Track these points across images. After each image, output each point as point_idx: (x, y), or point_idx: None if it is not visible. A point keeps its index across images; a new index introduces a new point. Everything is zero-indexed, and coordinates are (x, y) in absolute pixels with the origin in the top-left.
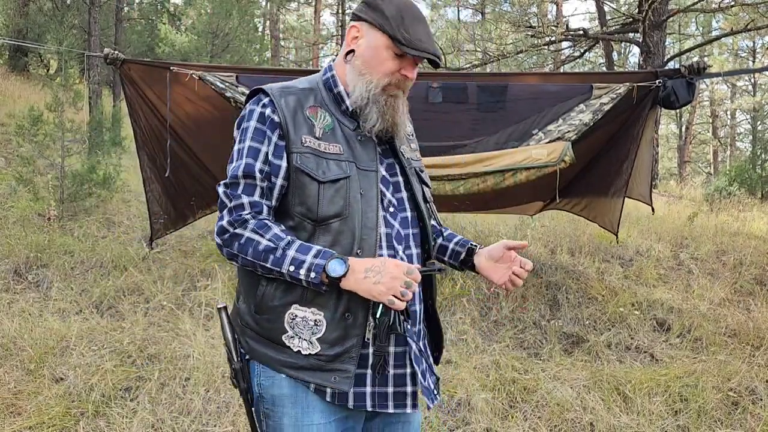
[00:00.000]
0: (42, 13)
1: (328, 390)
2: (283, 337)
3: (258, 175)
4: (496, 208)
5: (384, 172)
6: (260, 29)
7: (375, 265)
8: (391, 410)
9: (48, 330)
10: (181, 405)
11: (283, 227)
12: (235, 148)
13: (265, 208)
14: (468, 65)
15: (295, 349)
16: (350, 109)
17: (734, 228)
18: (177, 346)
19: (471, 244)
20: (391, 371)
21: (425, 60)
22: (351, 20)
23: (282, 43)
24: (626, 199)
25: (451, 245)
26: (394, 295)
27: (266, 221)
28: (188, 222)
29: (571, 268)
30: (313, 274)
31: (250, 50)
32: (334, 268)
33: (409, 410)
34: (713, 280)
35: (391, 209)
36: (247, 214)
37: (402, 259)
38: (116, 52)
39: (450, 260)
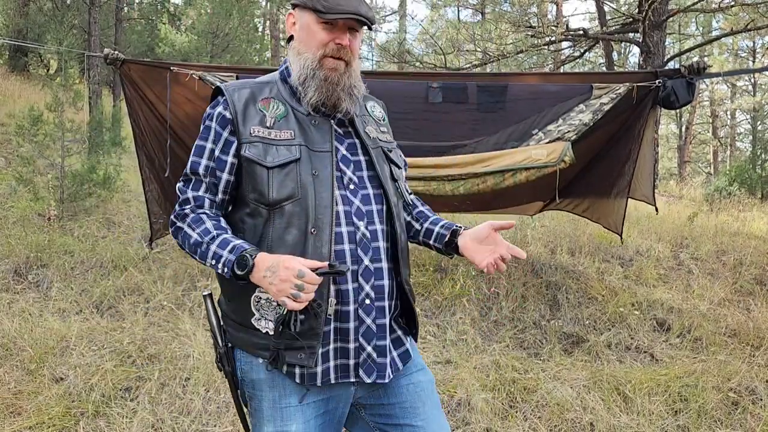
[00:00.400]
0: (42, 13)
1: (297, 371)
2: (252, 320)
3: (202, 171)
4: (496, 209)
5: (345, 152)
6: (260, 29)
7: (272, 265)
8: (352, 379)
9: (48, 330)
10: (181, 405)
11: (218, 222)
12: (195, 142)
13: (207, 202)
14: (468, 65)
15: (263, 331)
16: (298, 96)
17: (734, 228)
18: (177, 346)
19: (456, 226)
20: (351, 345)
21: (362, 23)
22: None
23: (282, 43)
24: (629, 199)
25: (436, 228)
26: (287, 296)
27: (202, 215)
28: None
29: (571, 268)
30: (226, 269)
31: (250, 50)
32: (239, 266)
33: (352, 379)
34: (713, 280)
35: (351, 186)
36: (188, 209)
37: (364, 235)
38: (116, 52)
39: (435, 244)
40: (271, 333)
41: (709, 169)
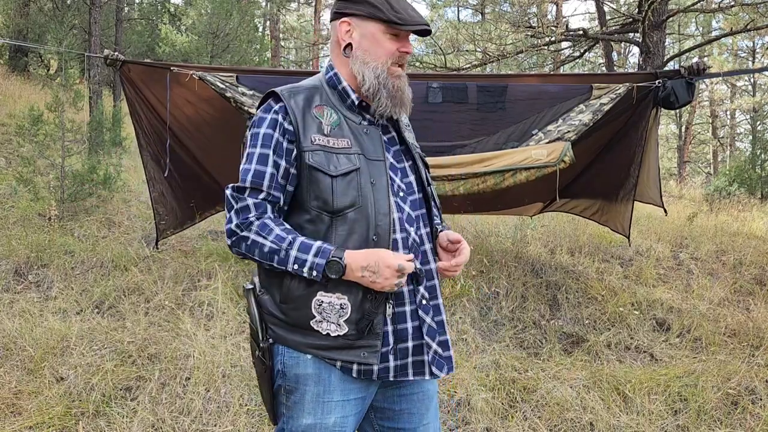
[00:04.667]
0: (42, 13)
1: (354, 367)
2: (312, 323)
3: (266, 181)
4: (497, 210)
5: (392, 160)
6: (260, 29)
7: (370, 265)
8: (410, 378)
9: (48, 330)
10: (181, 405)
11: (285, 226)
12: (246, 152)
13: (269, 208)
14: (468, 65)
15: (324, 332)
16: (356, 103)
17: (734, 228)
18: (177, 346)
19: (437, 227)
20: (410, 343)
21: (426, 33)
22: (334, 18)
23: (282, 43)
24: (636, 202)
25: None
26: (391, 289)
27: (267, 222)
28: (194, 222)
29: (571, 268)
30: (315, 273)
31: (251, 50)
32: (332, 271)
33: (427, 377)
34: (713, 280)
35: (401, 194)
36: (252, 216)
37: (414, 240)
38: (116, 53)
39: None
40: (332, 334)
41: (709, 169)
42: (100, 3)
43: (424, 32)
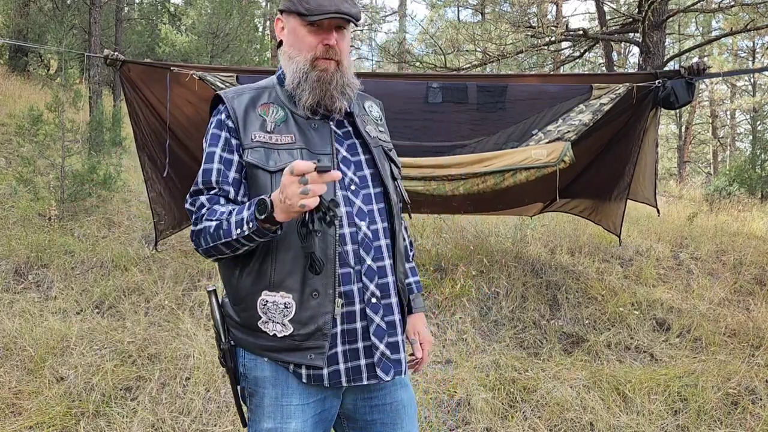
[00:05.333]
0: (42, 13)
1: (303, 372)
2: (259, 323)
3: (214, 177)
4: (497, 210)
5: (344, 153)
6: (260, 29)
7: (279, 190)
8: (365, 381)
9: (48, 330)
10: (181, 405)
11: (229, 207)
12: (202, 156)
13: (222, 200)
14: (468, 65)
15: (271, 333)
16: (296, 99)
17: (734, 228)
18: (177, 346)
19: (411, 304)
20: (360, 344)
21: (346, 20)
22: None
23: None
24: (629, 201)
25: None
26: (302, 202)
27: (214, 207)
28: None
29: (571, 268)
30: (251, 224)
31: (251, 50)
32: (260, 211)
33: (387, 378)
34: (713, 280)
35: (353, 187)
36: (204, 210)
37: (366, 235)
38: (116, 53)
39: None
40: (279, 335)
41: (709, 169)
42: (100, 3)
43: (344, 20)
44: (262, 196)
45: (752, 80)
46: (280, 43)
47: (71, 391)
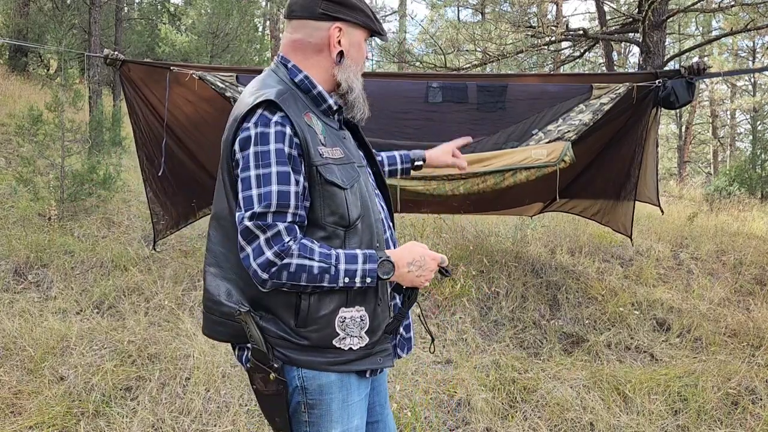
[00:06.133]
0: (42, 13)
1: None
2: (334, 341)
3: (292, 201)
4: (497, 210)
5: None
6: (260, 29)
7: (415, 260)
8: (392, 364)
9: (48, 330)
10: (181, 405)
11: (319, 243)
12: (252, 174)
13: (298, 230)
14: (468, 65)
15: (346, 348)
16: (334, 108)
17: (734, 228)
18: (177, 346)
19: (414, 160)
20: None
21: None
22: (322, 19)
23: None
24: (636, 201)
25: (399, 167)
26: (429, 281)
27: (305, 242)
28: (189, 221)
29: (571, 268)
30: (368, 279)
31: (250, 50)
32: (385, 272)
33: (404, 355)
34: (713, 280)
35: (376, 192)
36: (289, 242)
37: (391, 235)
38: (116, 52)
39: (400, 176)
40: (355, 348)
41: (709, 169)
42: (100, 3)
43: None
44: (384, 257)
45: (752, 80)
46: (340, 55)
47: (71, 391)
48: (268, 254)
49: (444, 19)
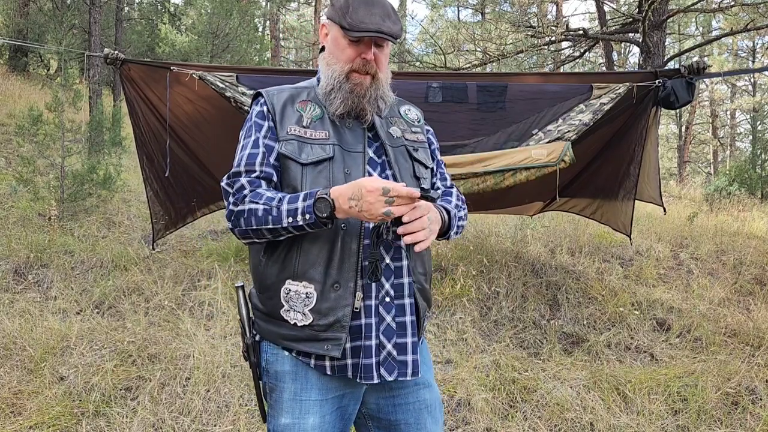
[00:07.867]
0: (42, 13)
1: (327, 363)
2: (281, 311)
3: (258, 160)
4: (497, 209)
5: (372, 154)
6: (260, 29)
7: (354, 194)
8: (375, 380)
9: (48, 330)
10: (181, 405)
11: (276, 191)
12: (239, 144)
13: (264, 183)
14: (468, 65)
15: (292, 322)
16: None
17: (734, 228)
18: (177, 346)
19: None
20: (373, 342)
21: (385, 39)
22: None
23: (282, 43)
24: (636, 201)
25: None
26: (381, 215)
27: (258, 190)
28: (188, 221)
29: (571, 268)
30: (307, 216)
31: (251, 50)
32: (321, 208)
33: (375, 380)
34: (713, 280)
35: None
36: (246, 191)
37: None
38: (116, 52)
39: None
40: (299, 324)
41: (709, 169)
42: (100, 3)
43: (384, 38)
44: (322, 193)
45: (752, 80)
46: (323, 48)
47: (71, 391)
48: (230, 205)
49: (444, 19)
